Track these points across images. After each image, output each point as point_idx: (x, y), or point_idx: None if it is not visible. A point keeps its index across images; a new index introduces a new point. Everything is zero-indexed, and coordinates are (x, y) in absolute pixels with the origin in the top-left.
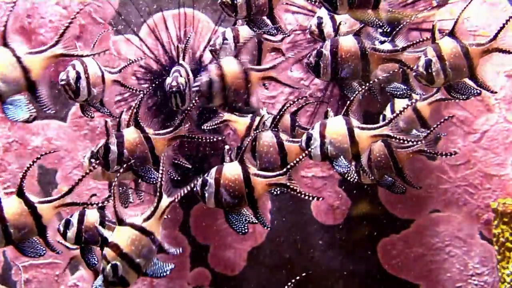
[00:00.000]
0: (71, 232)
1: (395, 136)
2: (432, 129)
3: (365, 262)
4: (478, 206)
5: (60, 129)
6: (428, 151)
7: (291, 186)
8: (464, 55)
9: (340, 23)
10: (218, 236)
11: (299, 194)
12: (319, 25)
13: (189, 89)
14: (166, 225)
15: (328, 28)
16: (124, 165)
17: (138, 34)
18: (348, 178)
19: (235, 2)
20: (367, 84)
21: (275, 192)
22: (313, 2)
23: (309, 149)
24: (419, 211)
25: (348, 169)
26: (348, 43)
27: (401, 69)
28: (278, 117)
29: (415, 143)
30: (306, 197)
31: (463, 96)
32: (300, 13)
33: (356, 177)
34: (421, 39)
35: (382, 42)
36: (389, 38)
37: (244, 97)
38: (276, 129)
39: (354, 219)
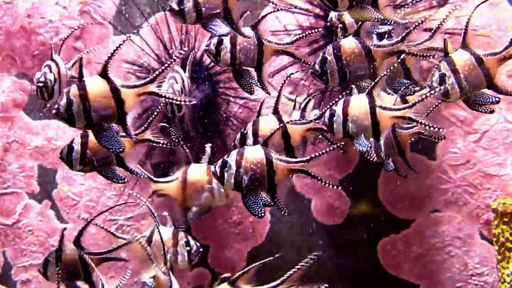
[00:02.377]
0: (51, 271)
1: (416, 119)
2: (428, 113)
3: (365, 262)
4: (478, 206)
5: (60, 129)
6: (426, 134)
7: (313, 174)
8: (480, 66)
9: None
10: (218, 236)
11: (320, 182)
12: (340, 16)
13: (59, 84)
14: (165, 225)
15: (349, 19)
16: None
17: (139, 33)
18: (368, 158)
19: (182, 7)
20: (391, 68)
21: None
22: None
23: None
24: (419, 211)
25: (369, 148)
26: (350, 44)
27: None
28: (277, 99)
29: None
30: (327, 185)
31: (485, 108)
32: (300, 13)
33: (376, 157)
34: (416, 23)
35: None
36: (386, 35)
37: (112, 118)
38: (278, 112)
39: (354, 219)
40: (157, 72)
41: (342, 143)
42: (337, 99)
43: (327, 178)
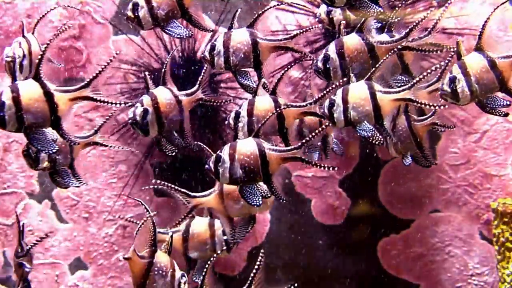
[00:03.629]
0: None
1: (417, 100)
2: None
3: (365, 262)
4: (478, 206)
5: None
6: (440, 124)
7: (306, 159)
8: (493, 69)
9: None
10: None
11: (314, 166)
12: (329, 12)
13: (29, 61)
14: (165, 225)
15: (337, 16)
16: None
17: (140, 33)
18: (374, 142)
19: (137, 14)
20: (393, 50)
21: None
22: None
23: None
24: (419, 211)
25: (373, 132)
26: (353, 41)
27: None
28: (278, 81)
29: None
30: (322, 168)
31: (499, 111)
32: (300, 13)
33: (382, 140)
34: (419, 20)
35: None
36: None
37: (45, 122)
38: (275, 93)
39: (354, 219)
40: (91, 77)
41: (321, 130)
42: (333, 87)
43: (328, 179)
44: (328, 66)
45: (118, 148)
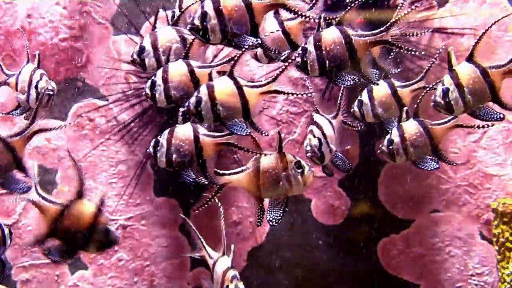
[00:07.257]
0: None
1: (282, 91)
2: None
3: (365, 262)
4: (478, 206)
5: (60, 129)
6: (465, 125)
7: (238, 145)
8: (485, 79)
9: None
10: (217, 236)
11: (247, 152)
12: None
13: None
14: (165, 225)
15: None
16: None
17: (139, 32)
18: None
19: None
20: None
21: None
22: None
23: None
24: (419, 211)
25: (244, 130)
26: (330, 34)
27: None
28: (189, 46)
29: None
30: (256, 154)
31: (488, 123)
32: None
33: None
34: (404, 13)
35: None
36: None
37: None
38: (187, 58)
39: (354, 219)
40: None
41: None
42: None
43: (328, 179)
44: (305, 59)
45: None
